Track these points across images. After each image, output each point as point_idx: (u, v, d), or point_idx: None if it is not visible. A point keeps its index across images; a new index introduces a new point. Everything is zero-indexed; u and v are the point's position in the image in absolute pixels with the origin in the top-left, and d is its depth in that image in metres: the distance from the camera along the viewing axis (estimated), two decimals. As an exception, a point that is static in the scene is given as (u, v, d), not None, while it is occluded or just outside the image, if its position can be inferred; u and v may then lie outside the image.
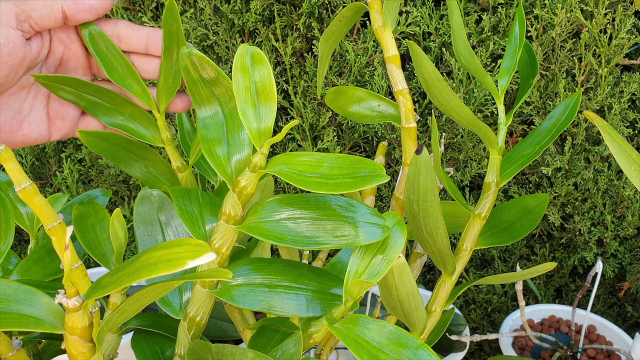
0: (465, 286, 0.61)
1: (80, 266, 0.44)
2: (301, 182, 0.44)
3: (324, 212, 0.47)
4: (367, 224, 0.47)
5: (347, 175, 0.45)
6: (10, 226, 0.63)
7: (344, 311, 0.47)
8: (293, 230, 0.46)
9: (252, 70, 0.48)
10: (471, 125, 0.57)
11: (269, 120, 0.47)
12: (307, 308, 0.49)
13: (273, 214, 0.48)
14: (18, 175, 0.42)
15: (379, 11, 0.63)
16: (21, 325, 0.42)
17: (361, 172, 0.45)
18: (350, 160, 0.46)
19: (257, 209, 0.48)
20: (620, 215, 1.15)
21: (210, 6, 1.14)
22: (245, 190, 0.47)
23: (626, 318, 1.24)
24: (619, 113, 1.08)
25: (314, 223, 0.47)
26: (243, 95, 0.46)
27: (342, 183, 0.44)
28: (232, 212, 0.48)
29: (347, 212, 0.48)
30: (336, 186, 0.44)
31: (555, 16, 1.06)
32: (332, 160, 0.46)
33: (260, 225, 0.47)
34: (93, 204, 0.62)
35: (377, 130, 1.15)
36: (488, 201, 0.58)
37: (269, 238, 0.46)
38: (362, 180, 0.44)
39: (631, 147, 0.54)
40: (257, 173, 0.46)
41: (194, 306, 0.51)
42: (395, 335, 0.46)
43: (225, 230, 0.48)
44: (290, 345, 0.47)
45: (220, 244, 0.49)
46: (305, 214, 0.47)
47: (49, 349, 0.64)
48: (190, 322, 0.52)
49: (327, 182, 0.44)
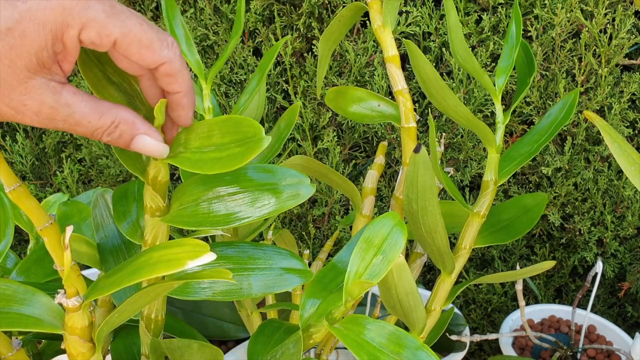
0: (464, 285, 0.61)
1: (73, 266, 0.44)
2: (196, 164, 0.42)
3: (241, 184, 0.45)
4: (289, 185, 0.45)
5: (237, 141, 0.42)
6: (10, 226, 0.63)
7: (344, 311, 0.47)
8: (212, 212, 0.45)
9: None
10: (469, 125, 0.57)
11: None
12: (258, 288, 0.48)
13: (192, 197, 0.46)
14: (8, 177, 0.41)
15: (379, 11, 0.63)
16: (21, 325, 0.42)
17: (247, 139, 0.42)
18: (235, 122, 0.43)
19: (177, 196, 0.47)
20: (620, 215, 1.15)
21: (210, 6, 1.14)
22: (157, 179, 0.46)
23: (626, 318, 1.24)
24: (619, 113, 1.08)
25: (231, 199, 0.45)
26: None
27: (234, 155, 0.41)
28: (152, 204, 0.46)
29: (266, 179, 0.46)
30: (228, 162, 0.41)
31: (555, 16, 1.06)
32: (220, 125, 0.43)
33: (181, 214, 0.45)
34: (77, 204, 0.62)
35: (377, 130, 1.15)
36: (486, 200, 0.58)
37: (190, 225, 0.44)
38: (248, 150, 0.41)
39: (631, 147, 0.54)
40: (159, 161, 0.45)
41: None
42: (395, 335, 0.46)
43: (153, 224, 0.47)
44: (290, 346, 0.47)
45: (152, 238, 0.48)
46: (222, 191, 0.45)
47: (48, 349, 0.64)
48: (147, 320, 0.51)
49: (221, 157, 0.42)
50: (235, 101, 1.18)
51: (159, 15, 1.19)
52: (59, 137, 1.27)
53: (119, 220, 0.50)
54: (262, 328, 0.55)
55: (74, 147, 1.29)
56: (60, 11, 0.37)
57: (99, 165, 1.27)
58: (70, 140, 1.28)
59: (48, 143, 1.28)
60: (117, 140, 0.42)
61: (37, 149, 1.31)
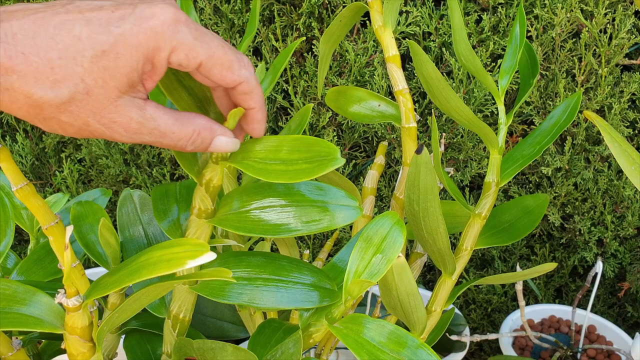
0: (465, 286, 0.61)
1: (78, 265, 0.44)
2: (262, 172, 0.43)
3: (293, 198, 0.47)
4: (339, 206, 0.47)
5: (305, 159, 0.43)
6: (10, 226, 0.63)
7: (344, 311, 0.47)
8: (263, 220, 0.46)
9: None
10: (472, 125, 0.57)
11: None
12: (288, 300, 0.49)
13: (243, 204, 0.47)
14: (15, 175, 0.42)
15: (379, 11, 0.63)
16: (21, 325, 0.42)
17: (318, 156, 0.43)
18: (307, 142, 0.44)
19: (227, 201, 0.48)
20: (620, 215, 1.15)
21: (210, 6, 1.14)
22: (212, 183, 0.47)
23: (626, 318, 1.24)
24: (619, 113, 1.08)
25: (283, 211, 0.46)
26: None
27: (301, 170, 0.43)
28: (201, 206, 0.47)
29: (317, 196, 0.47)
30: (295, 174, 0.43)
31: (555, 16, 1.06)
32: (290, 143, 0.45)
33: (230, 218, 0.47)
34: (91, 204, 0.62)
35: (377, 130, 1.15)
36: (488, 201, 0.58)
37: (239, 230, 0.45)
38: (320, 165, 0.43)
39: (631, 147, 0.54)
40: (219, 164, 0.46)
41: (176, 304, 0.51)
42: (395, 334, 0.46)
43: (198, 225, 0.48)
44: (290, 345, 0.47)
45: (194, 237, 0.49)
46: (274, 202, 0.47)
47: (48, 349, 0.64)
48: (174, 319, 0.52)
49: (287, 170, 0.43)
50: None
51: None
52: (59, 137, 1.27)
53: (160, 218, 0.51)
54: (261, 328, 0.55)
55: (74, 147, 1.29)
56: (152, 35, 0.39)
57: (99, 165, 1.27)
58: (70, 141, 1.28)
59: (48, 143, 1.28)
60: (199, 146, 0.44)
61: (37, 149, 1.31)
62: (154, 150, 1.25)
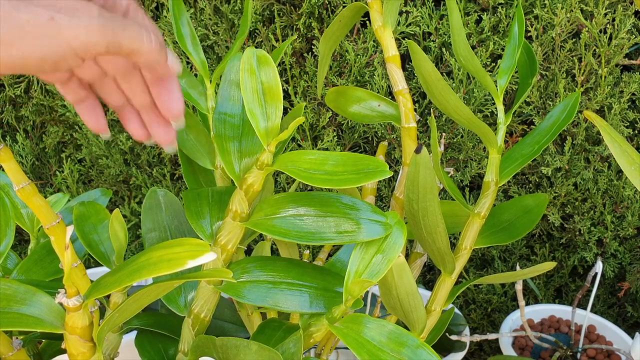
0: (464, 285, 0.61)
1: (79, 265, 0.44)
2: (307, 178, 0.45)
3: (328, 209, 0.49)
4: (369, 221, 0.48)
5: (351, 171, 0.46)
6: (10, 226, 0.63)
7: (345, 310, 0.47)
8: (297, 226, 0.47)
9: (259, 71, 0.49)
10: (471, 125, 0.57)
11: (275, 118, 0.48)
12: (311, 305, 0.50)
13: (279, 210, 0.49)
14: (17, 175, 0.42)
15: (379, 11, 0.63)
16: (21, 325, 0.42)
17: (365, 169, 0.46)
18: (355, 158, 0.47)
19: (262, 207, 0.49)
20: (620, 215, 1.15)
21: (210, 6, 1.14)
22: (252, 187, 0.48)
23: (626, 318, 1.24)
24: (619, 113, 1.08)
25: (317, 219, 0.48)
26: (250, 95, 0.48)
27: (347, 178, 0.45)
28: (238, 209, 0.49)
29: (351, 210, 0.49)
30: (341, 181, 0.45)
31: (555, 16, 1.06)
32: (336, 158, 0.47)
33: (266, 222, 0.48)
34: (94, 204, 0.63)
35: (377, 130, 1.15)
36: (487, 200, 0.58)
37: (274, 234, 0.47)
38: (366, 176, 0.45)
39: (631, 147, 0.54)
40: (264, 170, 0.47)
41: (199, 302, 0.52)
42: (395, 334, 0.46)
43: (232, 227, 0.49)
44: (291, 345, 0.47)
45: (226, 240, 0.50)
46: (310, 211, 0.48)
47: (49, 349, 0.64)
48: (194, 318, 0.52)
49: (332, 179, 0.45)
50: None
51: (159, 15, 1.19)
52: (59, 137, 1.27)
53: (192, 219, 0.52)
54: (262, 328, 0.55)
55: (74, 147, 1.29)
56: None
57: (99, 166, 1.27)
58: (71, 141, 1.28)
59: (48, 143, 1.28)
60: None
61: (37, 149, 1.31)
62: (154, 150, 1.25)
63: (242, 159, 0.51)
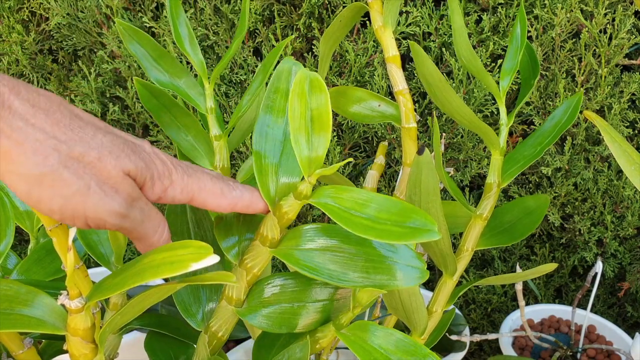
0: (465, 287, 0.61)
1: (81, 267, 0.44)
2: (347, 222, 0.42)
3: (364, 249, 0.46)
4: (406, 266, 0.46)
5: (395, 222, 0.42)
6: (10, 226, 0.63)
7: (352, 317, 0.47)
8: (331, 263, 0.45)
9: (310, 97, 0.46)
10: (473, 126, 0.57)
11: (320, 149, 0.45)
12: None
13: (310, 242, 0.46)
14: None
15: (379, 11, 0.63)
16: (24, 326, 0.42)
17: (411, 222, 0.42)
18: (401, 207, 0.43)
19: (294, 235, 0.47)
20: (620, 215, 1.15)
21: (210, 6, 1.14)
22: (287, 215, 0.46)
23: (626, 318, 1.24)
24: (619, 113, 1.08)
25: (352, 259, 0.46)
26: (297, 121, 0.45)
27: (390, 231, 0.41)
28: (269, 234, 0.47)
29: (388, 252, 0.46)
30: (383, 233, 0.41)
31: (555, 16, 1.06)
32: (380, 202, 0.43)
33: (295, 254, 0.46)
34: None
35: (377, 130, 1.15)
36: (490, 202, 0.58)
37: (304, 269, 0.44)
38: (412, 232, 0.41)
39: (631, 147, 0.54)
40: (301, 201, 0.45)
41: (217, 321, 0.51)
42: (403, 343, 0.45)
43: (259, 252, 0.48)
44: (297, 350, 0.47)
45: (253, 264, 0.48)
46: (344, 248, 0.46)
47: (49, 349, 0.64)
48: (211, 336, 0.51)
49: (374, 227, 0.41)
50: (236, 101, 1.18)
51: (159, 15, 1.19)
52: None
53: (220, 237, 0.50)
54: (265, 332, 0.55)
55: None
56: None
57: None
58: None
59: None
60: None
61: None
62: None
63: (279, 180, 0.48)
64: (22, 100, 0.38)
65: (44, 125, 0.39)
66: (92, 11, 1.21)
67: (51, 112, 0.39)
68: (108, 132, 0.42)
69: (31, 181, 0.39)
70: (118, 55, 1.22)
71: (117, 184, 0.41)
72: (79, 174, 0.40)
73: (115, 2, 1.17)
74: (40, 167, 0.38)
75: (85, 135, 0.40)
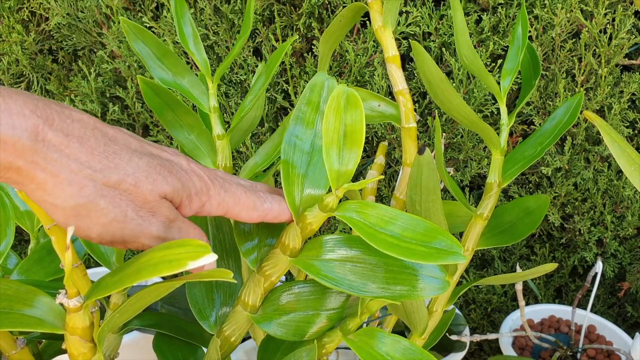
0: (465, 287, 0.61)
1: (80, 266, 0.44)
2: (372, 238, 0.42)
3: (385, 259, 0.46)
4: (428, 277, 0.45)
5: (420, 242, 0.42)
6: (10, 226, 0.63)
7: (359, 323, 0.47)
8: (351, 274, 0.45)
9: (345, 112, 0.46)
10: (473, 126, 0.57)
11: (350, 164, 0.45)
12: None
13: (331, 253, 0.46)
14: None
15: (379, 11, 0.63)
16: (23, 325, 0.42)
17: (436, 243, 0.42)
18: (426, 227, 0.43)
19: (315, 245, 0.47)
20: (620, 215, 1.15)
21: (210, 6, 1.14)
22: (310, 226, 0.46)
23: (626, 318, 1.24)
24: (619, 113, 1.08)
25: (372, 269, 0.46)
26: (331, 134, 0.45)
27: (415, 250, 0.42)
28: (290, 243, 0.47)
29: (410, 262, 0.46)
30: (408, 252, 0.41)
31: (555, 16, 1.06)
32: (405, 220, 0.44)
33: (315, 264, 0.46)
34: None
35: (377, 130, 1.15)
36: (490, 202, 0.58)
37: (324, 279, 0.45)
38: (438, 253, 0.41)
39: (631, 147, 0.54)
40: (326, 214, 0.45)
41: (231, 326, 0.51)
42: (410, 350, 0.45)
43: (279, 260, 0.48)
44: (304, 354, 0.47)
45: (271, 272, 0.48)
46: (365, 258, 0.46)
47: (49, 349, 0.64)
48: (224, 340, 0.51)
49: (399, 245, 0.42)
50: (236, 101, 1.18)
51: (159, 15, 1.19)
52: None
53: (240, 241, 0.51)
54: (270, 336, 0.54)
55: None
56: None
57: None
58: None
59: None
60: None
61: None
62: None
63: (304, 191, 0.48)
64: (56, 131, 0.38)
65: (78, 154, 0.39)
66: (92, 11, 1.21)
67: (85, 139, 0.39)
68: (144, 154, 0.42)
69: (68, 212, 0.39)
70: (118, 55, 1.22)
71: (154, 208, 0.41)
72: (116, 202, 0.40)
73: (115, 2, 1.17)
74: (76, 198, 0.39)
75: (121, 161, 0.40)
